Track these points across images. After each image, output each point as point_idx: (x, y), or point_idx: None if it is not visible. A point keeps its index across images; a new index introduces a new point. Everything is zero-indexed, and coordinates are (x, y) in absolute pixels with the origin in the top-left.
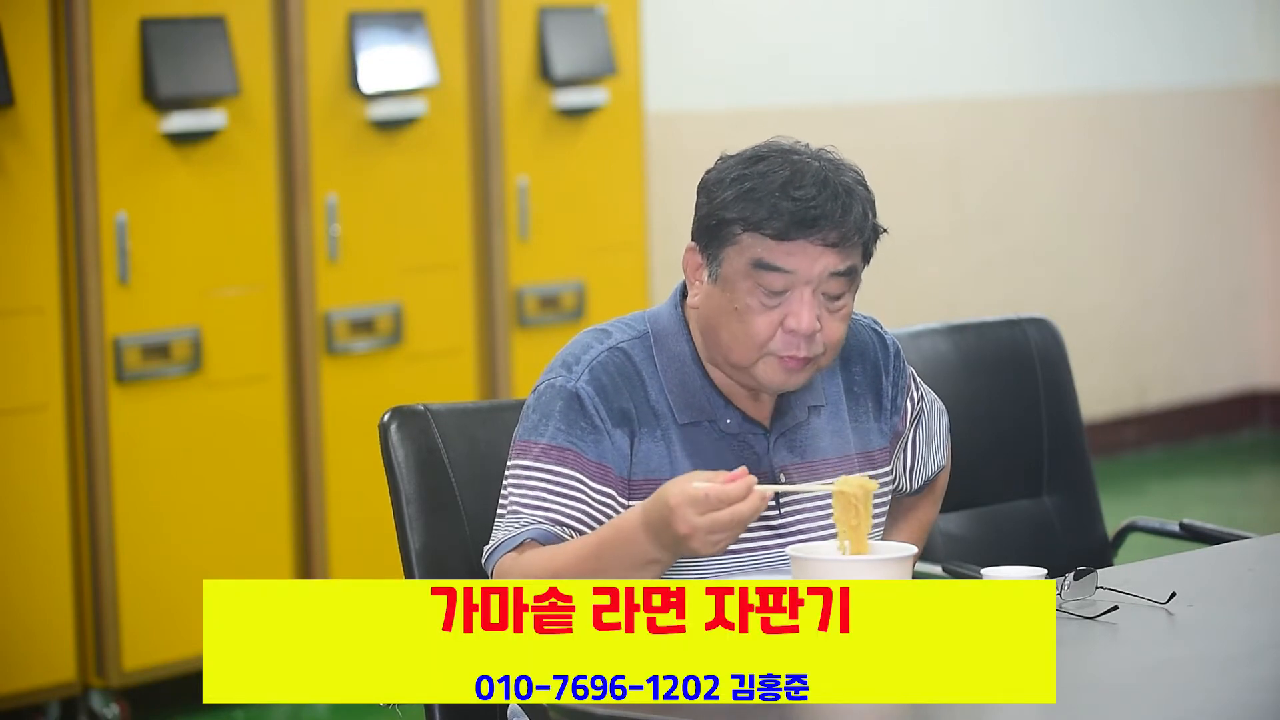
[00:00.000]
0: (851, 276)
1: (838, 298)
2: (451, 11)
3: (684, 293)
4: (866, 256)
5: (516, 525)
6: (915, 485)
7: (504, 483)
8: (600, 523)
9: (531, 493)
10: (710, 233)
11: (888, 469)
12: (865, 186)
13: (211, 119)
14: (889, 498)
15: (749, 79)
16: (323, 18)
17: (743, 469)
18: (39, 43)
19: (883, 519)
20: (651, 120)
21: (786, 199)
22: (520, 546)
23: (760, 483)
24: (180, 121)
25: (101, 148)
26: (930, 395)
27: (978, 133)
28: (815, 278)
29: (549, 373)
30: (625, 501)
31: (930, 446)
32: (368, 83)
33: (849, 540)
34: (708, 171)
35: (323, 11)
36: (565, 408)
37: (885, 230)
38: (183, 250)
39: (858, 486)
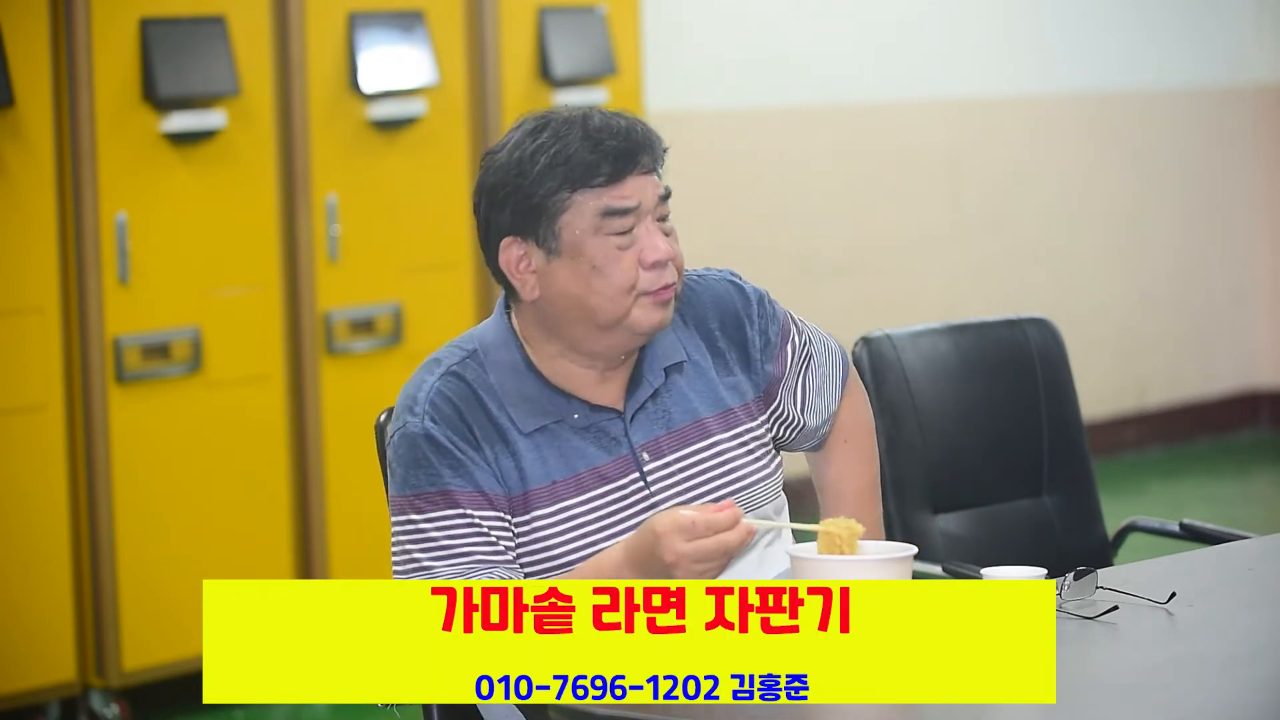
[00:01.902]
0: (669, 196)
1: (666, 219)
2: (451, 11)
3: (506, 305)
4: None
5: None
6: (811, 424)
7: (394, 541)
8: (505, 549)
9: (435, 544)
10: (532, 214)
11: (765, 420)
12: (638, 119)
13: (211, 119)
14: (771, 449)
15: (749, 79)
16: (323, 18)
17: (729, 501)
18: (39, 43)
19: (770, 473)
20: (651, 120)
21: (600, 145)
22: None
23: (627, 469)
24: (180, 121)
25: (101, 148)
26: (822, 336)
27: (978, 133)
28: (652, 206)
29: (396, 420)
30: (514, 520)
31: (826, 386)
32: (368, 83)
33: None
34: (484, 177)
35: (323, 11)
36: (426, 453)
37: (667, 149)
38: (183, 250)
39: (844, 527)
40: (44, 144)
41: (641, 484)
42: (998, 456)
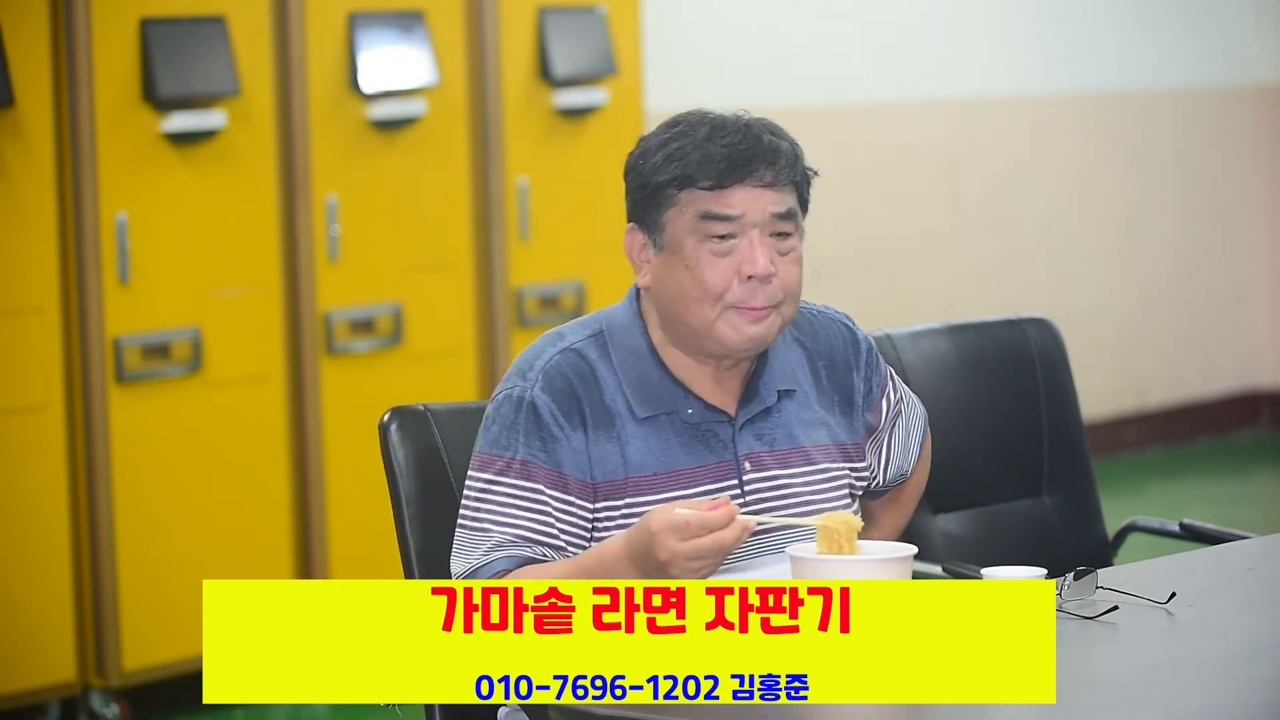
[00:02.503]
0: (794, 219)
1: (785, 238)
2: (451, 11)
3: (639, 291)
4: (804, 204)
5: (486, 543)
6: (886, 480)
7: (467, 492)
8: (565, 533)
9: (499, 509)
10: (646, 204)
11: (865, 464)
12: (787, 134)
13: (211, 119)
14: (853, 492)
15: (749, 79)
16: (323, 18)
17: (724, 498)
18: (39, 43)
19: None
20: (651, 120)
21: (715, 148)
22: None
23: (727, 474)
24: (180, 121)
25: (101, 148)
26: (910, 396)
27: (978, 133)
28: (760, 220)
29: (506, 381)
30: (588, 506)
31: (907, 446)
32: (368, 83)
33: None
34: (629, 155)
35: (323, 11)
36: (525, 419)
37: (816, 173)
38: (183, 250)
39: (841, 522)
40: (44, 144)
41: (739, 492)
42: (998, 456)
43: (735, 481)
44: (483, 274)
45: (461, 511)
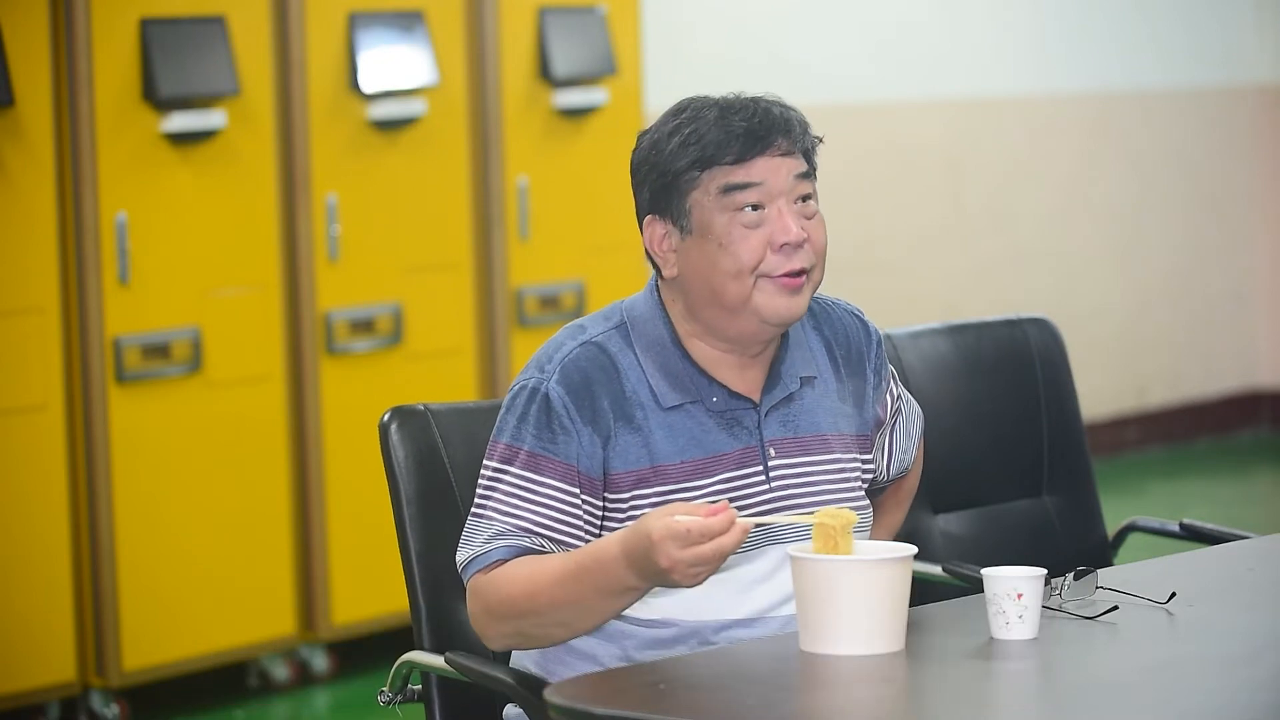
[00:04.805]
0: (811, 179)
1: (807, 201)
2: (451, 11)
3: (658, 282)
4: (814, 168)
5: (488, 531)
6: (890, 475)
7: (479, 480)
8: (567, 524)
9: (504, 498)
10: (666, 193)
11: (870, 457)
12: (789, 104)
13: (211, 119)
14: (865, 485)
15: (749, 79)
16: (323, 18)
17: (723, 503)
18: (39, 43)
19: (865, 505)
20: (651, 120)
21: (732, 125)
22: (491, 565)
23: (752, 460)
24: (180, 121)
25: (101, 148)
26: (908, 395)
27: (978, 133)
28: (785, 186)
29: (524, 372)
30: (591, 500)
31: (908, 443)
32: (368, 83)
33: None
34: (635, 152)
35: (323, 11)
36: (537, 411)
37: (821, 139)
38: (183, 250)
39: (837, 518)
40: (44, 144)
41: (763, 478)
42: (998, 456)
43: (760, 468)
44: (483, 274)
45: (475, 498)
